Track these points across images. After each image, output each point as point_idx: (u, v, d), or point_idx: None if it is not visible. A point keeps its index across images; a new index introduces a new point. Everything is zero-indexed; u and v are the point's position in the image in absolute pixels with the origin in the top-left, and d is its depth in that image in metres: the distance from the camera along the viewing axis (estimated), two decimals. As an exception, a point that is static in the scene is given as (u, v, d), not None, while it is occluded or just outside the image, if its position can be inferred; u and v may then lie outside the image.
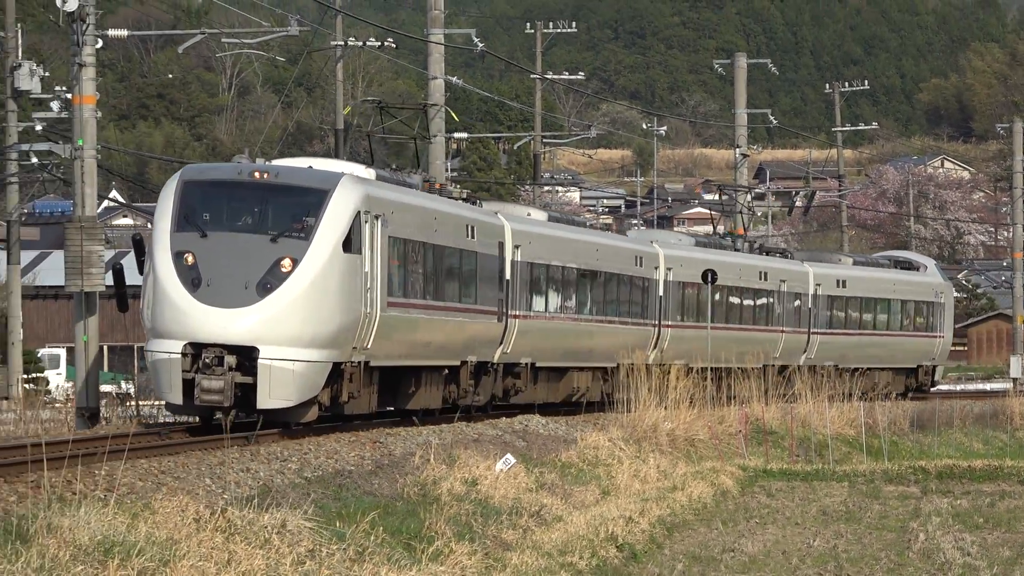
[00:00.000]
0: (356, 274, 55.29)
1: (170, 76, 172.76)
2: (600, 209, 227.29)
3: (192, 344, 52.42)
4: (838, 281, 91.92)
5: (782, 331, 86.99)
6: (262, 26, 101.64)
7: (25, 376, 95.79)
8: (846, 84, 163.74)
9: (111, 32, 78.94)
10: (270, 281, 52.79)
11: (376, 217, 56.43)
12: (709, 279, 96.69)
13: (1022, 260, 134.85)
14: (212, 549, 28.75)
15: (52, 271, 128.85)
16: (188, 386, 52.64)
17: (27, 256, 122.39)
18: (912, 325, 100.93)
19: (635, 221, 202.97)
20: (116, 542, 26.44)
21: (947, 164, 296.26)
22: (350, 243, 54.67)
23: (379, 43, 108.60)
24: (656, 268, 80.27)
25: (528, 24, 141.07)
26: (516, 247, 69.89)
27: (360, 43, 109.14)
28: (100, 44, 67.55)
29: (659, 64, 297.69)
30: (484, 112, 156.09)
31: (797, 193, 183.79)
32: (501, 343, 68.59)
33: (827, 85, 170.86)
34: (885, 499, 60.39)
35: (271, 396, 52.29)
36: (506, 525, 41.32)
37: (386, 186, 60.02)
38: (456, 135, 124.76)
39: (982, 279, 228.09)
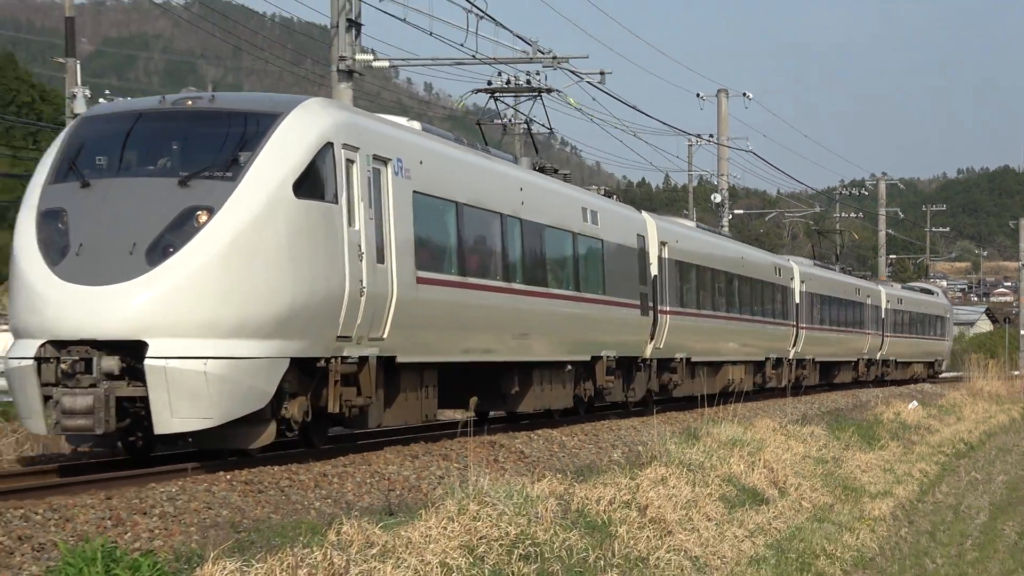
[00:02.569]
0: (328, 230, 19.62)
1: (761, 231, 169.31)
2: (955, 291, 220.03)
3: (53, 343, 18.00)
4: (898, 299, 71.04)
5: (867, 333, 63.58)
6: (804, 209, 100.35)
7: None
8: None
9: (737, 210, 76.73)
10: (172, 241, 18.07)
11: (382, 161, 21.27)
12: (1005, 321, 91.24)
13: None
14: (779, 443, 28.40)
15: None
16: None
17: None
18: (934, 332, 79.85)
19: (975, 299, 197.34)
20: (737, 440, 26.20)
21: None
22: (314, 186, 19.46)
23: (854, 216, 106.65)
24: (792, 279, 51.37)
25: (923, 205, 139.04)
26: (663, 244, 36.24)
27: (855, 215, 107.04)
28: (729, 217, 64.93)
29: (984, 224, 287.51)
30: (902, 248, 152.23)
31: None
32: (652, 338, 34.86)
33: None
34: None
35: (175, 414, 17.72)
36: (912, 433, 40.25)
37: (412, 131, 23.41)
38: (891, 256, 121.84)
39: None
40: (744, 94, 62.56)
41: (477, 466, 18.58)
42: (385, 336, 20.83)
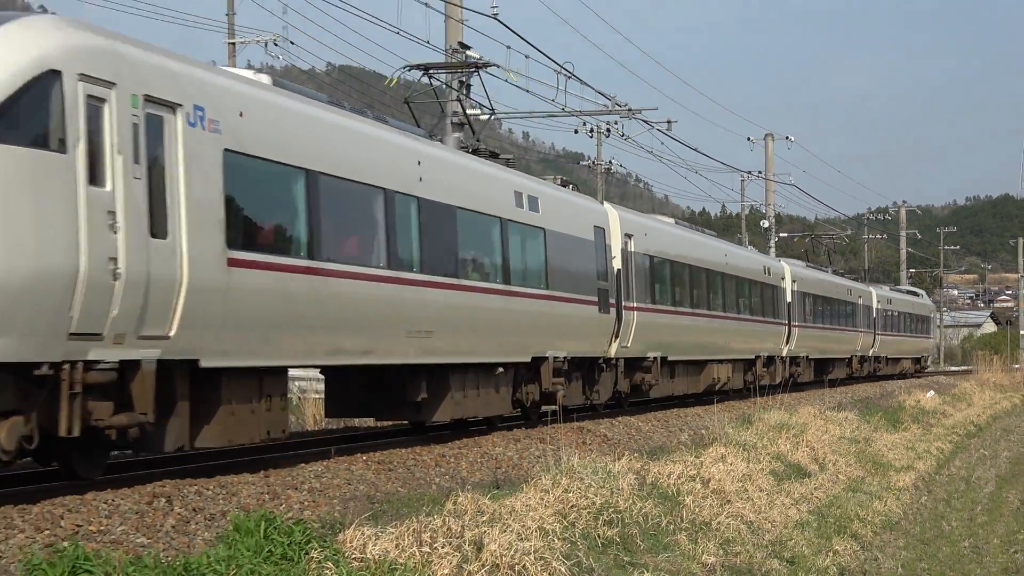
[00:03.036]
0: (45, 188, 10.67)
1: (802, 251, 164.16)
2: (965, 298, 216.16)
3: None
4: (888, 300, 62.08)
5: (859, 332, 54.41)
6: (838, 231, 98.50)
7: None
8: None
9: (782, 233, 73.22)
10: None
11: (167, 107, 12.39)
12: (1007, 323, 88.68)
13: None
14: (819, 426, 28.08)
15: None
16: None
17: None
18: (921, 331, 70.94)
19: (981, 305, 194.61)
20: (784, 424, 25.95)
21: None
22: (19, 126, 10.63)
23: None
24: (783, 279, 41.88)
25: (937, 228, 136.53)
26: (628, 236, 26.77)
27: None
28: (776, 239, 61.12)
29: (988, 242, 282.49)
30: (919, 263, 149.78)
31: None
32: (617, 337, 25.66)
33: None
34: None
35: None
36: (930, 417, 39.68)
37: (235, 76, 14.23)
38: (911, 270, 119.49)
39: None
40: (787, 137, 62.04)
41: (568, 447, 18.59)
42: (172, 333, 12.74)
